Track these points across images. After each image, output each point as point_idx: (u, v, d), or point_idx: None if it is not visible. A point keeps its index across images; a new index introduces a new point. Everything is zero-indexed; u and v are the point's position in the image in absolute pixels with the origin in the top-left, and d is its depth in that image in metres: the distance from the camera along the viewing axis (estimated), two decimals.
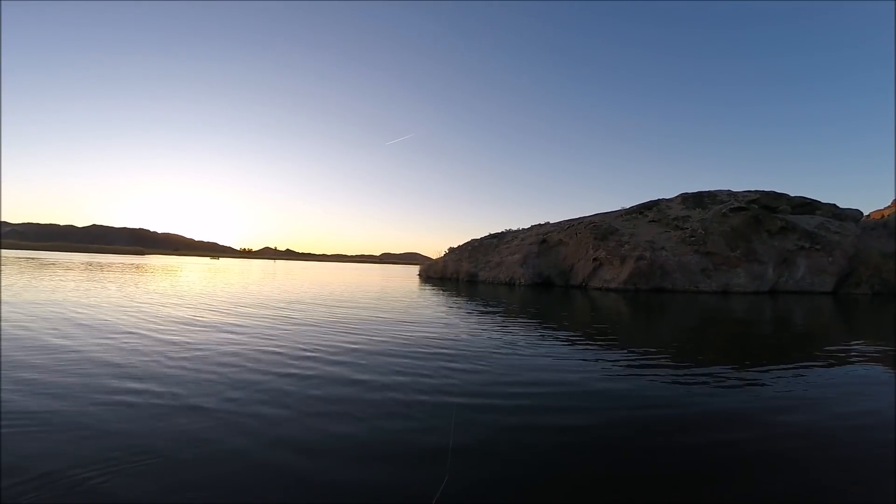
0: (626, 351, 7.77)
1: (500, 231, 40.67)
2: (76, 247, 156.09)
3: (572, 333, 9.58)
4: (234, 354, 6.39)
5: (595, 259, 29.38)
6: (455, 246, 40.81)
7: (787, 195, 33.37)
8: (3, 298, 11.33)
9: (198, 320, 9.58)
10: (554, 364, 6.51)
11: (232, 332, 8.19)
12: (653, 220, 33.17)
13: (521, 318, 12.26)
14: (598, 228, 31.22)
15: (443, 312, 13.03)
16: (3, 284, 15.33)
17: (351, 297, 17.33)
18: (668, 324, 13.16)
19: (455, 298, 18.81)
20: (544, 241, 33.71)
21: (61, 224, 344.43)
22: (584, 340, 8.76)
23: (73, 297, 12.55)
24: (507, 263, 32.79)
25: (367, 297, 17.22)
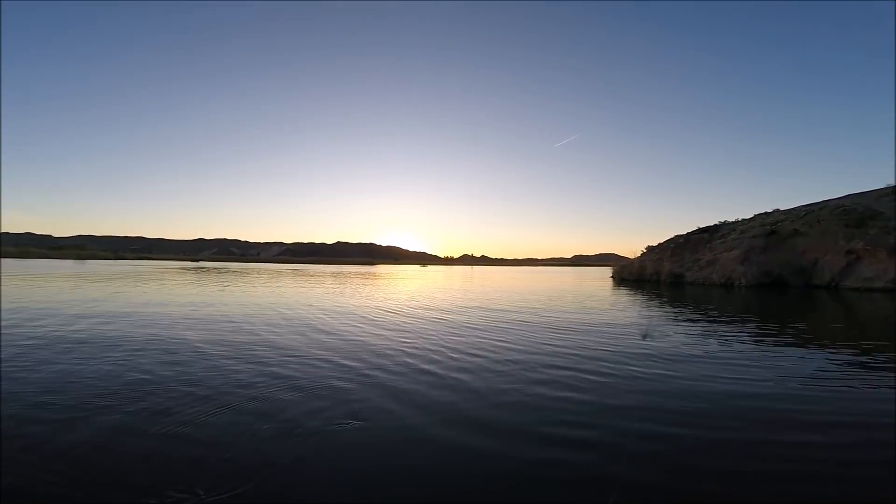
0: None
1: (711, 224, 35.83)
2: (326, 260, 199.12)
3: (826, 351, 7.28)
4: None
5: (849, 251, 23.47)
6: (654, 244, 37.66)
7: None
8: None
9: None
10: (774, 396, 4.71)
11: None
12: None
13: (744, 325, 11.07)
14: (852, 213, 24.82)
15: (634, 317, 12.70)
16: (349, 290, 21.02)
17: (550, 298, 18.13)
18: None
19: (655, 302, 17.78)
20: (773, 232, 28.43)
21: (316, 242, 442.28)
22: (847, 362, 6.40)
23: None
24: (722, 261, 28.80)
25: (560, 300, 17.76)
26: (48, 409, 3.89)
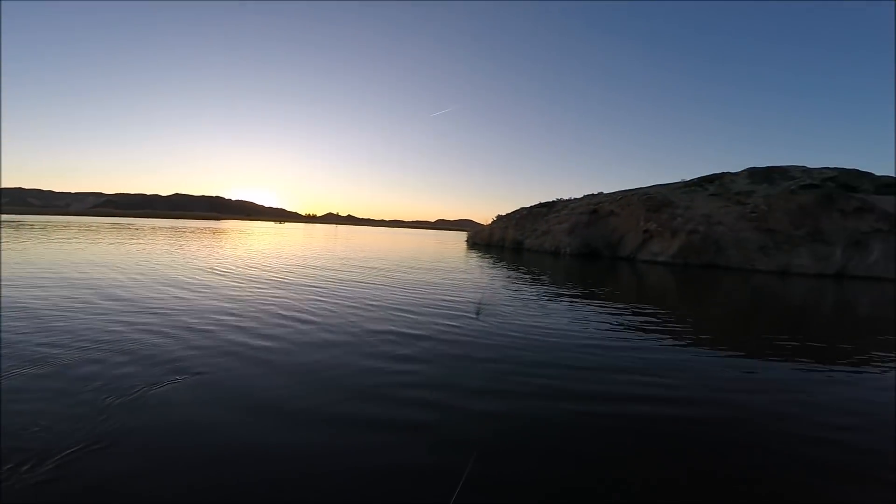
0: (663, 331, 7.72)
1: (551, 200, 40.45)
2: (161, 213, 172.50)
3: (605, 304, 10.05)
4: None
5: (645, 231, 28.79)
6: (504, 214, 41.21)
7: (872, 174, 30.48)
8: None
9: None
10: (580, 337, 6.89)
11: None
12: (713, 194, 31.63)
13: (561, 286, 12.87)
14: (652, 200, 30.35)
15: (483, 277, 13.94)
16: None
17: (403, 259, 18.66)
18: (709, 301, 13.27)
19: (500, 265, 19.59)
20: (595, 211, 33.30)
21: (148, 193, 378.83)
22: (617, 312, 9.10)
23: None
24: (554, 232, 32.88)
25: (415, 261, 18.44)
26: None
